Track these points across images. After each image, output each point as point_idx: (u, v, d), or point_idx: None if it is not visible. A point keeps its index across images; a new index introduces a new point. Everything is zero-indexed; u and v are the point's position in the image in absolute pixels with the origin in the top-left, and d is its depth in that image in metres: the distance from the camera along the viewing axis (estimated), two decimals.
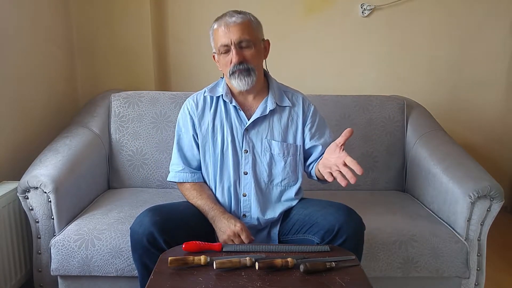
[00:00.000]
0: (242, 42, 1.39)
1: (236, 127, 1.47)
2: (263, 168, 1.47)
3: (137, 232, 1.29)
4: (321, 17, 2.55)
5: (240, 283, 1.07)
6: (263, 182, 1.47)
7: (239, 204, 1.47)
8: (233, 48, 1.38)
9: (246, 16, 1.42)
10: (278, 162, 1.47)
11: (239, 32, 1.38)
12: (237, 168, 1.46)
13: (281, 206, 1.48)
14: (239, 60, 1.38)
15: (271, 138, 1.47)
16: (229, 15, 1.41)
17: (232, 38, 1.38)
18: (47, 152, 1.73)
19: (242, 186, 1.46)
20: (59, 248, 1.53)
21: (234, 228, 1.34)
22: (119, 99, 2.04)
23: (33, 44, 2.00)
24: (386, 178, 2.08)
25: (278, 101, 1.48)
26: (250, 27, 1.41)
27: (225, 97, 1.46)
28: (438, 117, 2.21)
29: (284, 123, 1.48)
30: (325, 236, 1.31)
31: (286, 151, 1.47)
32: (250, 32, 1.40)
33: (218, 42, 1.41)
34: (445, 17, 2.57)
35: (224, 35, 1.39)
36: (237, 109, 1.47)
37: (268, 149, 1.46)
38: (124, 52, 2.42)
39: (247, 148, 1.46)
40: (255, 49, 1.41)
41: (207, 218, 1.42)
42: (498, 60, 2.63)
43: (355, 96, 2.13)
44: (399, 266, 1.60)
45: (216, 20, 1.44)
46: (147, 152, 2.00)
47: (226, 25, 1.39)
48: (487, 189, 1.59)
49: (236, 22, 1.39)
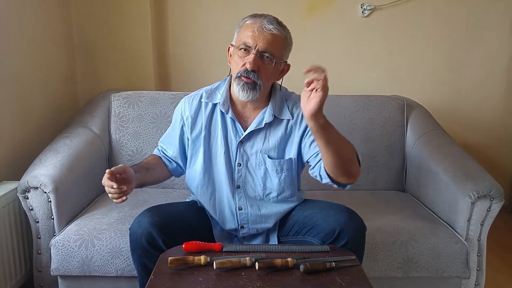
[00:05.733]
0: (266, 53, 1.30)
1: (231, 138, 1.40)
2: (257, 182, 1.40)
3: (136, 232, 1.29)
4: (321, 17, 2.55)
5: (240, 283, 1.07)
6: (258, 196, 1.42)
7: (235, 217, 1.43)
8: (253, 52, 1.29)
9: (284, 31, 1.34)
10: (273, 177, 1.40)
11: (269, 42, 1.29)
12: (231, 181, 1.41)
13: (281, 213, 1.44)
14: (253, 68, 1.29)
15: (265, 152, 1.39)
16: (268, 20, 1.32)
17: (259, 44, 1.29)
18: (47, 152, 1.73)
19: (236, 199, 1.41)
20: (59, 248, 1.53)
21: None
22: (119, 99, 2.04)
23: (33, 44, 1.99)
24: (386, 178, 2.08)
25: (277, 113, 1.39)
26: (282, 44, 1.33)
27: (222, 106, 1.39)
28: (438, 117, 2.21)
29: (281, 136, 1.40)
30: (325, 238, 1.30)
31: (279, 168, 1.39)
32: (278, 49, 1.32)
33: (243, 38, 1.31)
34: (445, 17, 2.57)
35: (252, 35, 1.30)
36: (233, 121, 1.40)
37: (263, 163, 1.39)
38: (124, 52, 2.41)
39: (240, 162, 1.40)
40: (273, 67, 1.33)
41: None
42: (498, 60, 2.63)
43: (355, 96, 2.13)
44: (399, 266, 1.60)
45: (253, 17, 1.35)
46: (147, 152, 1.99)
47: (261, 28, 1.30)
48: (487, 189, 1.59)
49: (272, 31, 1.30)
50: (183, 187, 2.00)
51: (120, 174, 1.26)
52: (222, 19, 2.52)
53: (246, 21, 1.35)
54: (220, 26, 2.52)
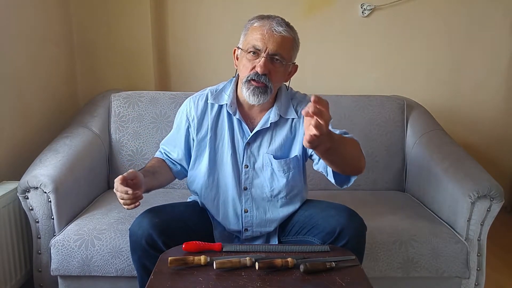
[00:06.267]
0: (277, 56, 1.28)
1: (238, 139, 1.39)
2: (264, 183, 1.40)
3: (136, 233, 1.29)
4: (321, 17, 2.55)
5: (240, 283, 1.07)
6: (266, 197, 1.41)
7: (240, 219, 1.42)
8: (264, 56, 1.27)
9: (292, 32, 1.32)
10: (280, 177, 1.39)
11: (279, 45, 1.27)
12: (237, 183, 1.40)
13: (285, 216, 1.44)
14: (264, 72, 1.27)
15: (271, 153, 1.38)
16: (277, 22, 1.30)
17: (269, 46, 1.27)
18: (47, 152, 1.73)
19: (243, 202, 1.41)
20: (59, 248, 1.53)
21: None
22: (119, 99, 2.04)
23: (33, 44, 1.99)
24: (386, 178, 2.08)
25: (282, 113, 1.39)
26: (291, 45, 1.32)
27: (229, 108, 1.37)
28: (438, 117, 2.21)
29: (286, 135, 1.39)
30: (326, 238, 1.30)
31: (286, 167, 1.38)
32: (288, 50, 1.31)
33: (252, 41, 1.29)
34: (445, 17, 2.57)
35: (262, 38, 1.27)
36: (240, 122, 1.39)
37: (269, 164, 1.38)
38: (124, 52, 2.41)
39: (247, 163, 1.39)
40: (283, 69, 1.32)
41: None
42: (498, 60, 2.63)
43: (355, 96, 2.13)
44: (399, 266, 1.60)
45: (260, 18, 1.32)
46: (147, 152, 1.99)
47: (270, 30, 1.28)
48: (487, 189, 1.59)
49: (282, 33, 1.28)
50: (183, 187, 2.00)
51: (132, 179, 1.24)
52: (222, 19, 2.52)
53: (253, 23, 1.32)
54: (220, 26, 2.52)
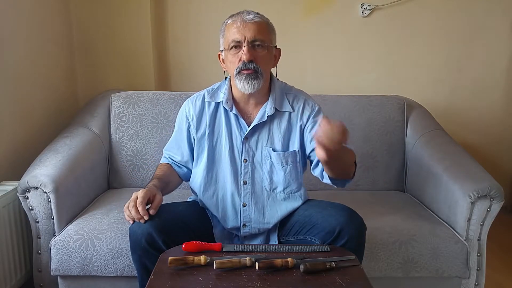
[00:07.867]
0: (256, 41, 1.34)
1: (235, 135, 1.43)
2: (264, 177, 1.43)
3: (136, 233, 1.29)
4: (321, 17, 2.55)
5: (240, 283, 1.07)
6: (265, 191, 1.43)
7: (238, 214, 1.44)
8: (245, 45, 1.33)
9: (263, 17, 1.39)
10: (279, 170, 1.42)
11: (255, 31, 1.33)
12: (236, 178, 1.43)
13: (284, 214, 1.45)
14: (249, 59, 1.32)
15: (270, 146, 1.42)
16: (246, 12, 1.37)
17: (247, 35, 1.33)
18: (47, 152, 1.73)
19: (242, 196, 1.43)
20: (59, 248, 1.53)
21: (133, 196, 1.28)
22: (119, 99, 2.04)
23: (33, 44, 1.99)
24: (386, 178, 2.08)
25: (278, 106, 1.42)
26: (267, 29, 1.38)
27: (226, 104, 1.41)
28: (438, 117, 2.21)
29: (284, 129, 1.43)
30: (325, 237, 1.30)
31: (284, 160, 1.41)
32: (265, 34, 1.36)
33: (230, 37, 1.36)
34: (445, 17, 2.57)
35: (238, 31, 1.34)
36: (237, 117, 1.42)
37: (269, 157, 1.42)
38: (124, 52, 2.41)
39: (246, 157, 1.42)
40: (267, 52, 1.37)
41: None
42: (498, 60, 2.63)
43: (355, 96, 2.13)
44: (399, 266, 1.60)
45: (231, 16, 1.40)
46: (147, 152, 2.00)
47: (242, 21, 1.34)
48: (487, 189, 1.59)
49: (254, 20, 1.35)
50: (183, 187, 1.99)
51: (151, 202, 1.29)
52: (223, 19, 2.50)
53: (226, 22, 1.41)
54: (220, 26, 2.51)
